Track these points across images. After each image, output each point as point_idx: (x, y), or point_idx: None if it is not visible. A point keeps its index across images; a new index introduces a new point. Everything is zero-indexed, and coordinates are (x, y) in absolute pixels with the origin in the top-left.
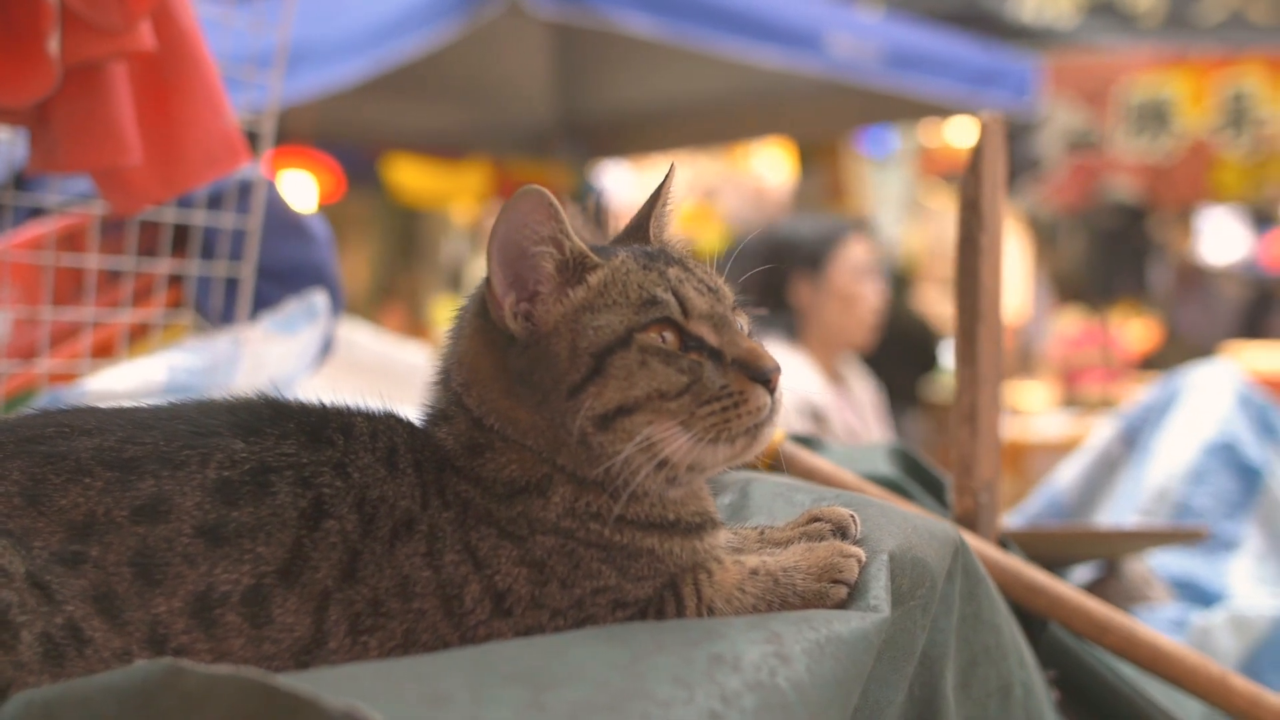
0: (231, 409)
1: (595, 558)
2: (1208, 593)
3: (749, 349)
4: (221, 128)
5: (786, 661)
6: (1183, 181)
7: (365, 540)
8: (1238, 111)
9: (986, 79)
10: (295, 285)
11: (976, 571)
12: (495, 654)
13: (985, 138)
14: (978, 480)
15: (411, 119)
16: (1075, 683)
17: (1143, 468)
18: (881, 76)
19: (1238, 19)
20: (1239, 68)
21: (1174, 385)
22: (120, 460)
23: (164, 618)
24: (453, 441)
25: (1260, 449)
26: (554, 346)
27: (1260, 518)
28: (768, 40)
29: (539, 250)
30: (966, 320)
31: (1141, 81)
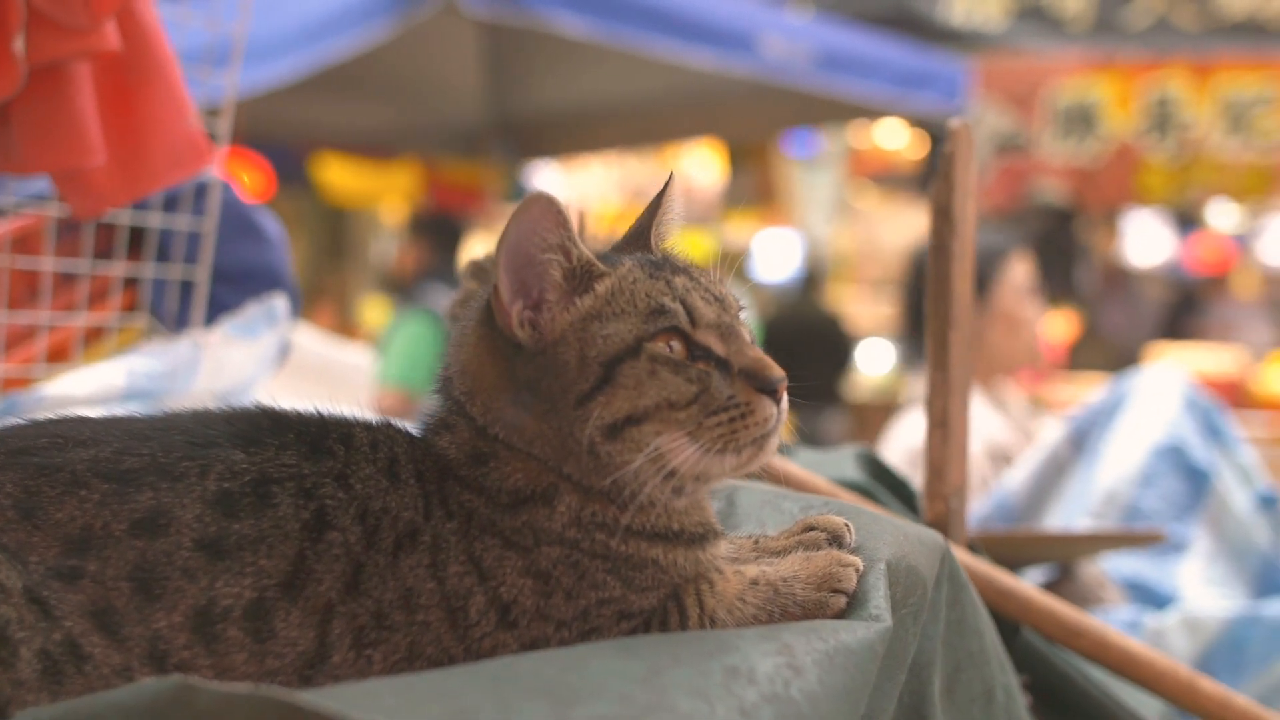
0: (229, 419)
1: (600, 568)
2: (1158, 594)
3: (756, 359)
4: (185, 129)
5: (799, 673)
6: (1109, 184)
7: (368, 552)
8: (1163, 116)
9: (917, 81)
10: (250, 288)
11: (960, 578)
12: (513, 668)
13: (956, 144)
14: (949, 485)
15: (341, 118)
16: (1047, 687)
17: (1092, 470)
18: (813, 78)
19: (1164, 24)
20: (1164, 72)
21: (1121, 388)
22: (117, 472)
23: (164, 633)
24: (455, 451)
25: (1207, 452)
26: (562, 355)
27: (1208, 520)
28: (701, 41)
29: (547, 258)
30: (939, 326)
31: (1069, 85)
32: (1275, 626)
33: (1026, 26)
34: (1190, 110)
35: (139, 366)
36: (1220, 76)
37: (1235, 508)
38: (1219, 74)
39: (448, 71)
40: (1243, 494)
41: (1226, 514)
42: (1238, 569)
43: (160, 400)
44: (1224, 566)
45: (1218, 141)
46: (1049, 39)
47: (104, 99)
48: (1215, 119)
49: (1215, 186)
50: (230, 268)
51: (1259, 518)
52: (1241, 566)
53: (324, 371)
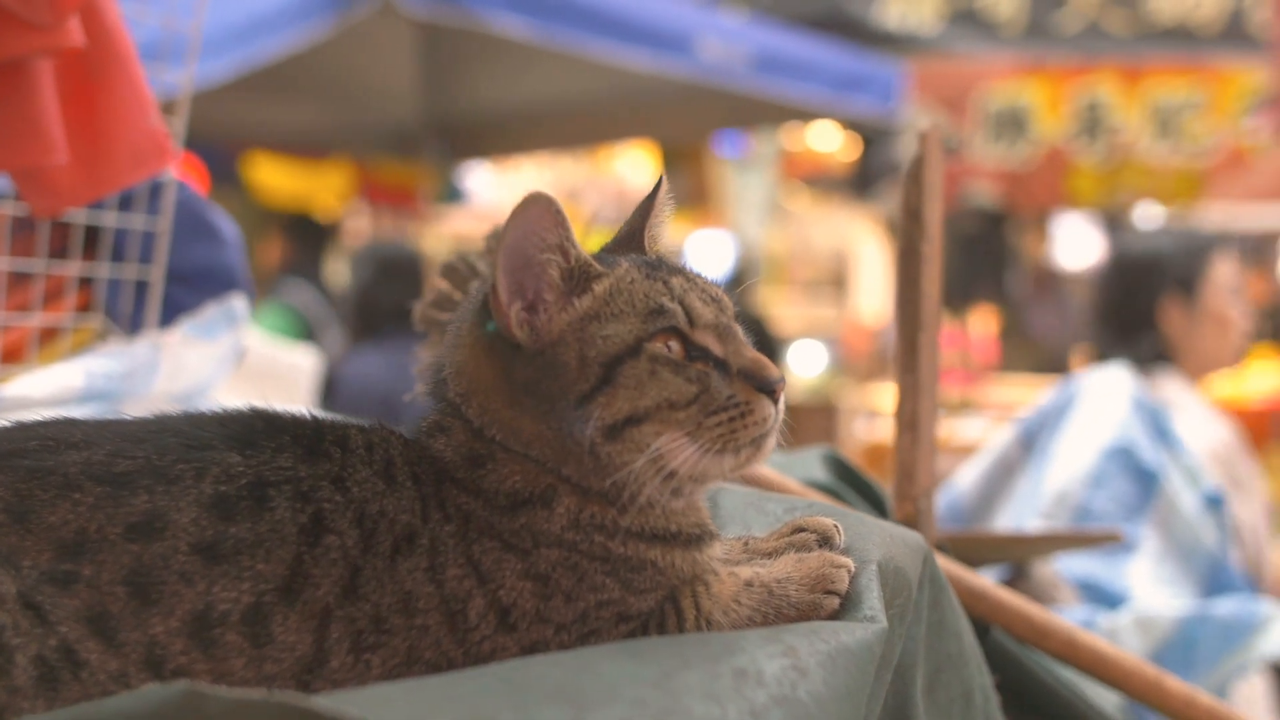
0: (222, 421)
1: (600, 570)
2: (1110, 594)
3: (754, 359)
4: (148, 127)
5: (805, 675)
6: (1039, 187)
7: (366, 556)
8: (1093, 120)
9: (852, 84)
10: (205, 288)
11: (940, 580)
12: (524, 672)
13: (925, 148)
14: (918, 487)
15: (272, 117)
16: (1017, 687)
17: (1041, 471)
18: (749, 80)
19: (1094, 29)
20: (1094, 77)
21: (1070, 390)
22: (111, 475)
23: (161, 638)
24: (451, 453)
25: (1155, 453)
26: (560, 355)
27: (1157, 520)
28: (638, 43)
29: (545, 258)
30: (908, 328)
31: (1000, 89)
32: (1224, 625)
33: (960, 30)
34: (1120, 114)
35: (97, 367)
36: (1150, 81)
37: (1183, 508)
38: (1148, 79)
39: (382, 71)
40: (1190, 494)
41: (1175, 514)
42: (1186, 568)
43: (118, 402)
44: (1173, 566)
45: (1147, 145)
46: (982, 42)
47: (66, 96)
48: (1144, 123)
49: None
50: (185, 268)
51: (1206, 518)
52: (1190, 566)
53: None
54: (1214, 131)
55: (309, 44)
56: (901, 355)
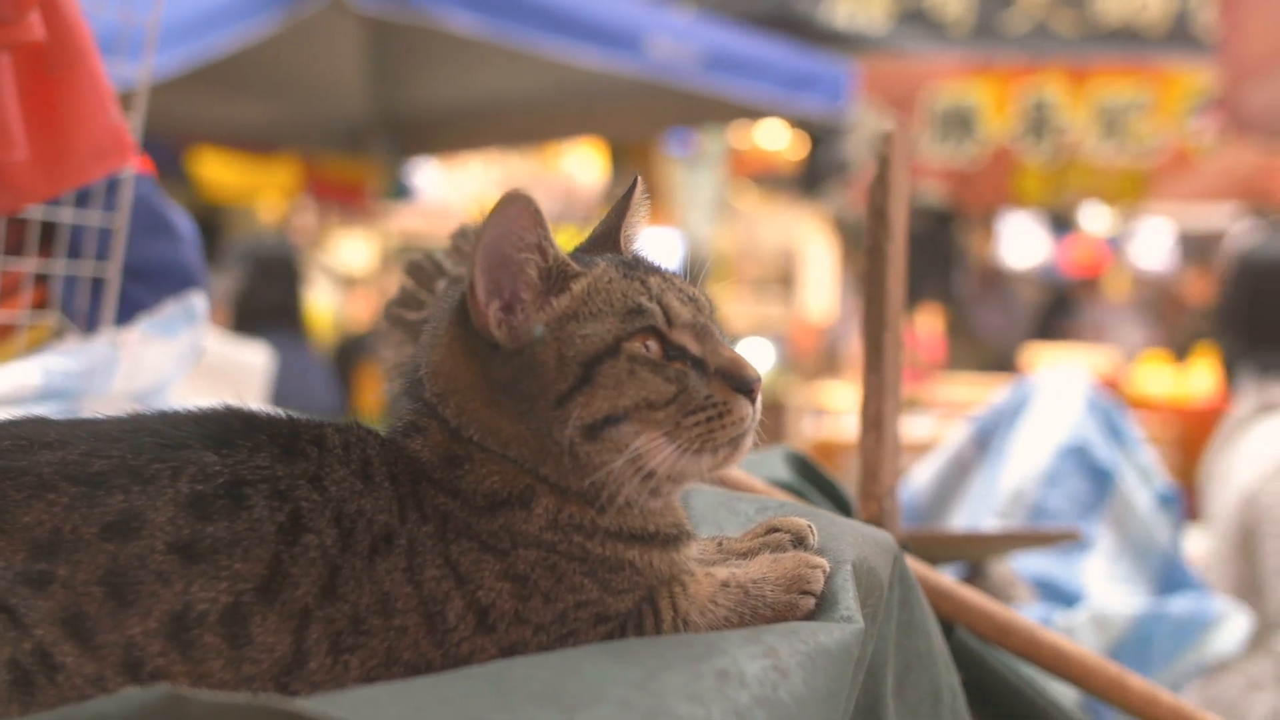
0: (198, 420)
1: (578, 571)
2: (1066, 592)
3: (732, 358)
4: (109, 122)
5: (785, 675)
6: (986, 186)
7: (344, 556)
8: (1039, 119)
9: (801, 83)
10: (162, 286)
11: (910, 579)
12: (510, 674)
13: (891, 148)
14: (882, 486)
15: (219, 112)
16: (981, 685)
17: (996, 470)
18: (699, 78)
19: (1042, 30)
20: (1041, 77)
21: (1024, 390)
22: (86, 475)
23: (138, 640)
24: (428, 453)
25: (1109, 451)
26: (539, 355)
27: (1111, 518)
28: (588, 41)
29: (524, 257)
30: (873, 328)
31: (947, 88)
32: (1179, 623)
33: (908, 29)
34: (1066, 114)
35: (55, 365)
36: (1096, 82)
37: (1137, 506)
38: (1095, 79)
39: (331, 67)
40: (1144, 493)
41: (1129, 513)
42: (1140, 566)
43: (77, 400)
44: (1127, 564)
45: (1092, 146)
46: (930, 42)
47: (26, 92)
48: (1090, 123)
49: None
50: (142, 265)
51: (1159, 516)
52: (1144, 564)
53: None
54: (1159, 132)
55: (258, 39)
56: (866, 355)
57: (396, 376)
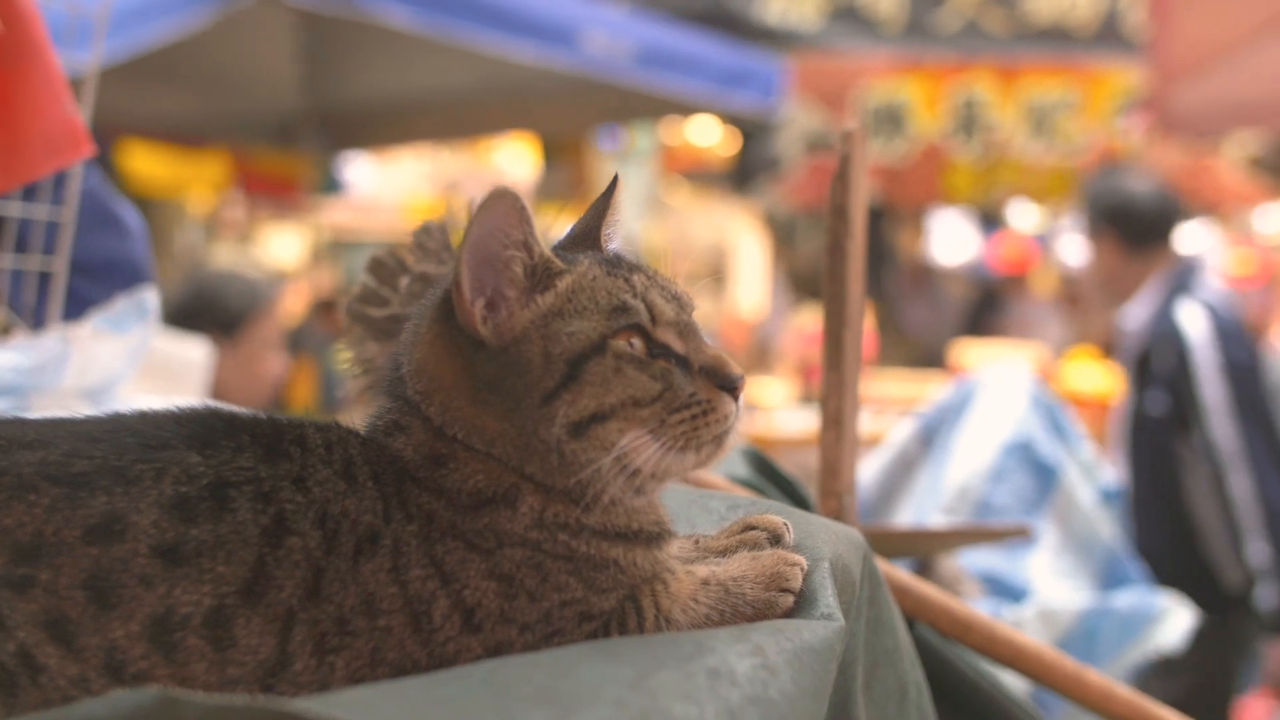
0: (179, 420)
1: (563, 569)
2: (1012, 587)
3: (716, 356)
4: (63, 116)
5: (774, 674)
6: (916, 184)
7: (329, 557)
8: (969, 117)
9: (735, 79)
10: (110, 281)
11: (878, 576)
12: (503, 674)
13: (851, 146)
14: (842, 483)
15: (147, 105)
16: (940, 681)
17: (942, 467)
18: (633, 74)
19: (973, 28)
20: (971, 75)
21: (968, 387)
22: (68, 476)
23: (121, 642)
24: (412, 452)
25: (1053, 448)
26: (525, 352)
27: (1056, 514)
28: (523, 35)
29: (510, 254)
30: (834, 326)
31: (878, 86)
32: (1124, 617)
33: (840, 27)
34: (995, 113)
35: (4, 361)
36: (1025, 80)
37: (1081, 502)
38: (1024, 78)
39: (262, 60)
40: (1087, 488)
41: (1073, 508)
42: (1084, 561)
43: (26, 397)
44: (1071, 559)
45: (1021, 144)
46: (862, 40)
47: None
48: (1019, 122)
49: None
50: (90, 260)
51: (1102, 511)
52: (1087, 559)
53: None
54: (1087, 131)
55: (191, 32)
56: (827, 352)
57: (362, 373)
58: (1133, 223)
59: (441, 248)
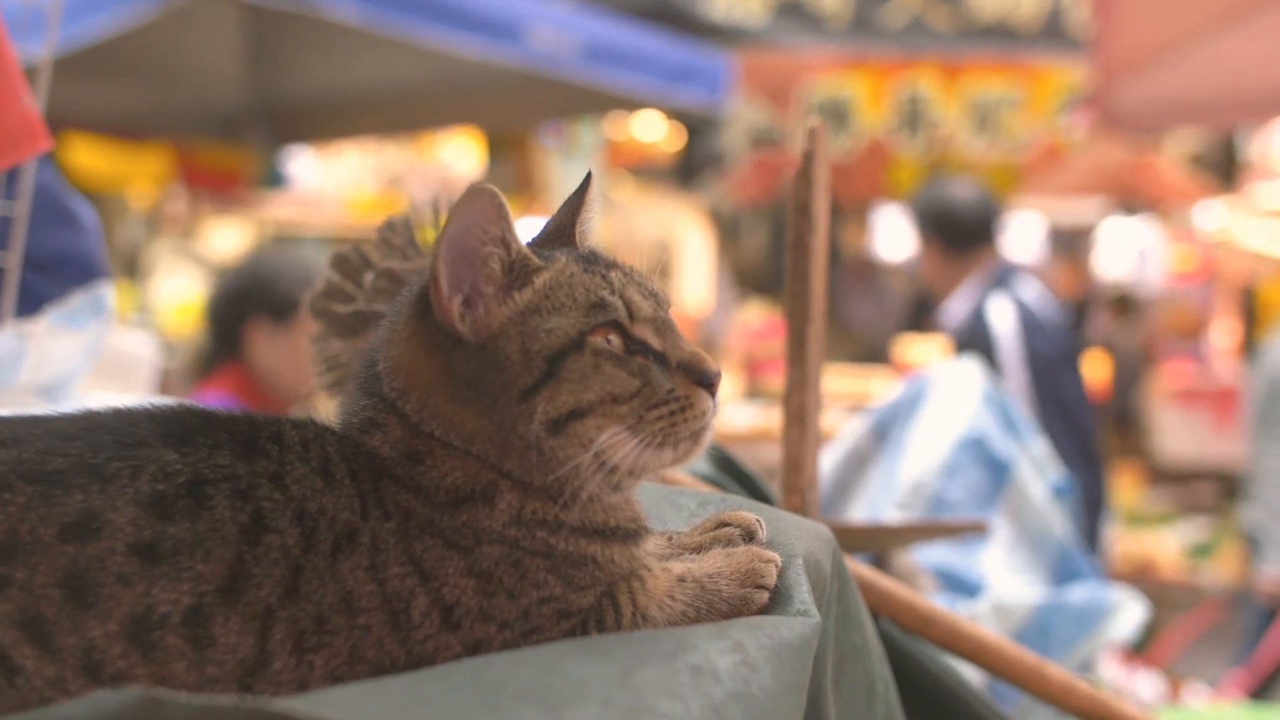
0: (154, 418)
1: (541, 567)
2: (966, 582)
3: (692, 353)
4: (21, 109)
5: (755, 670)
6: (860, 179)
7: (308, 555)
8: (913, 114)
9: (682, 75)
10: (65, 277)
11: (846, 572)
12: (489, 673)
13: (814, 143)
14: (805, 479)
15: (88, 98)
16: (903, 675)
17: (895, 462)
18: (579, 70)
19: (918, 25)
20: (915, 71)
21: (921, 383)
22: (43, 473)
23: (99, 642)
24: (388, 450)
25: (1006, 443)
26: (503, 349)
27: (1009, 509)
28: (470, 30)
29: (488, 251)
30: (797, 323)
31: (823, 82)
32: (1077, 612)
33: (786, 23)
34: (939, 109)
35: None
36: (969, 77)
37: (1033, 497)
38: (968, 75)
39: (206, 53)
40: (1039, 484)
41: (1026, 503)
42: (1037, 556)
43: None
44: (1024, 554)
45: (965, 140)
46: (807, 35)
47: None
48: (963, 118)
49: None
50: (44, 255)
51: (1054, 507)
52: (1040, 554)
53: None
54: (1030, 127)
55: (134, 25)
56: (790, 349)
57: (327, 370)
58: (953, 228)
59: (407, 243)
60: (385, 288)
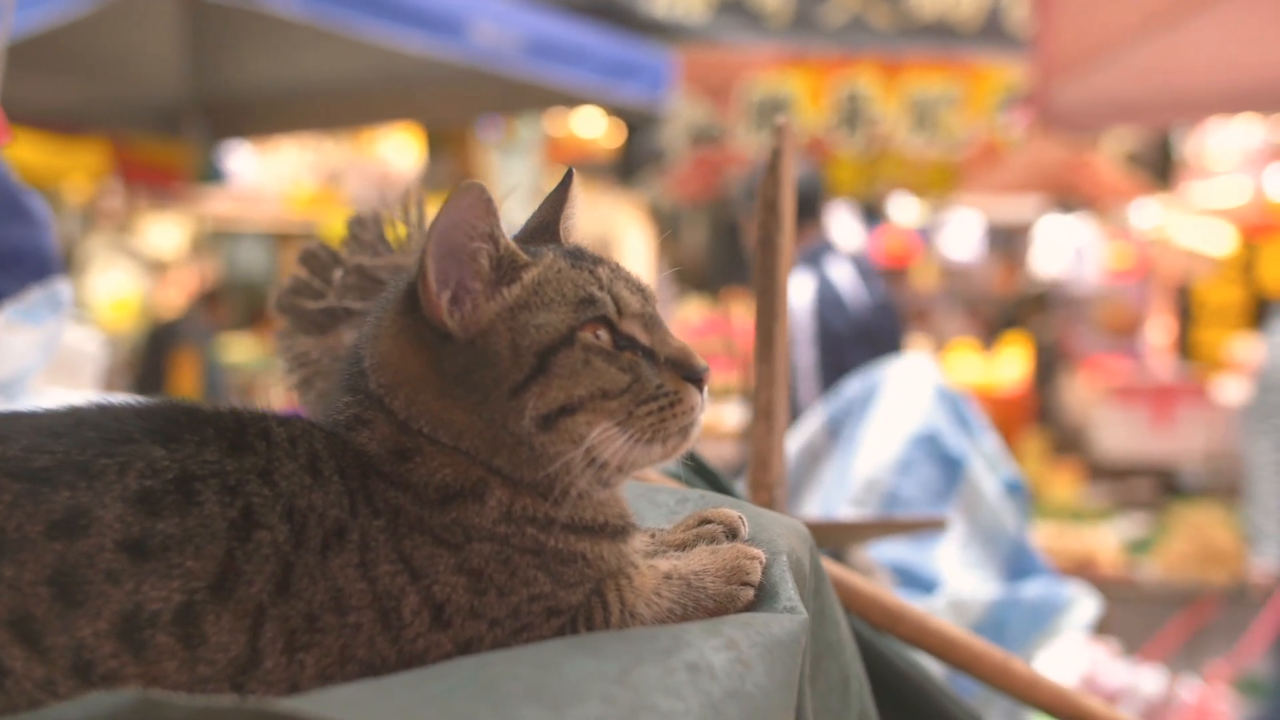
0: (139, 414)
1: (531, 564)
2: (922, 578)
3: (680, 348)
4: None
5: (749, 667)
6: None
7: (298, 552)
8: (852, 111)
9: (623, 72)
10: (17, 273)
11: (821, 569)
12: (488, 671)
13: (782, 141)
14: (772, 475)
15: (23, 91)
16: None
17: (849, 459)
18: (521, 65)
19: (858, 22)
20: (854, 69)
21: (874, 379)
22: (29, 470)
23: (89, 641)
24: (376, 446)
25: (958, 439)
26: (493, 345)
27: (962, 505)
28: (413, 25)
29: (476, 246)
30: (765, 319)
31: (763, 79)
32: (1031, 607)
33: (727, 20)
34: (879, 107)
35: None
36: (908, 75)
37: (986, 493)
38: (907, 72)
39: (144, 46)
40: (991, 480)
41: (979, 499)
42: (990, 552)
43: None
44: (978, 550)
45: (904, 138)
46: (748, 33)
47: None
48: (902, 116)
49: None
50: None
51: (1006, 503)
52: (993, 549)
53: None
54: (969, 125)
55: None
56: (758, 345)
57: (297, 367)
58: None
59: (376, 239)
60: (355, 284)
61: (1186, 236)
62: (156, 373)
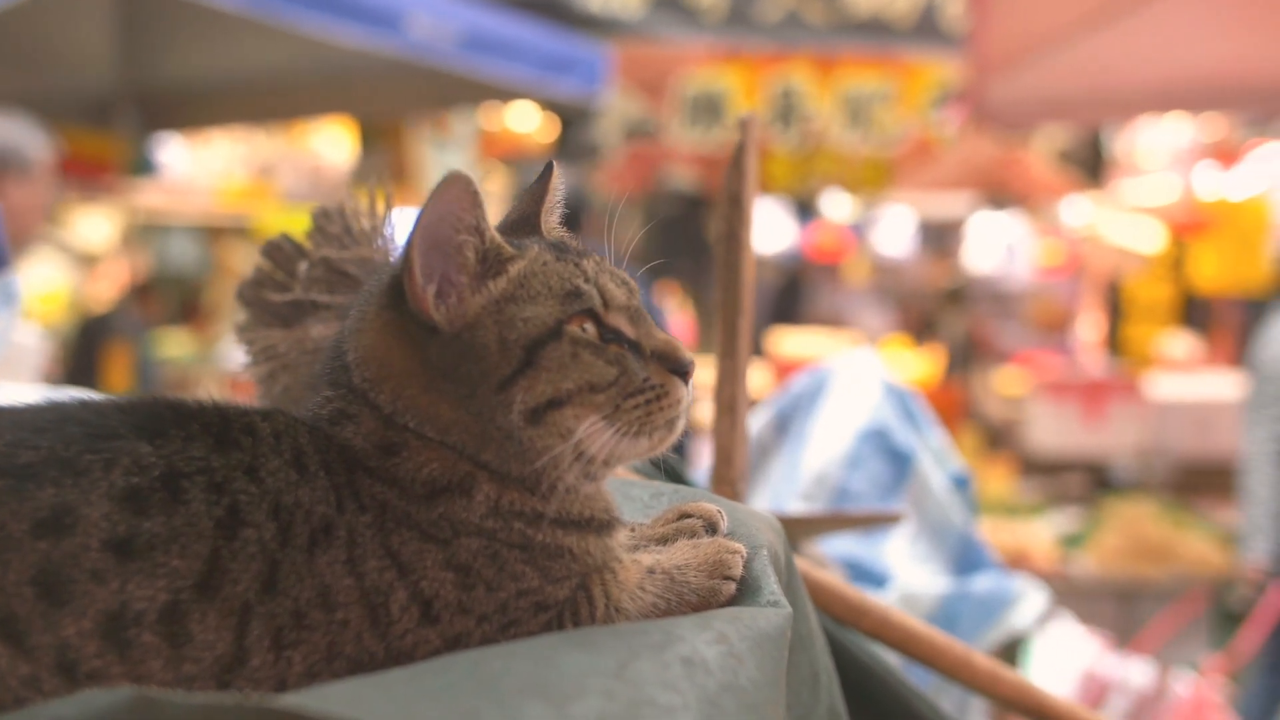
0: (124, 409)
1: (519, 559)
2: (873, 573)
3: (666, 341)
4: None
5: (741, 661)
6: None
7: (284, 549)
8: (787, 107)
9: (558, 66)
10: None
11: (793, 563)
12: (485, 667)
13: (746, 135)
14: (735, 470)
15: None
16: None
17: (797, 454)
18: (456, 59)
19: (793, 18)
20: (789, 65)
21: (821, 375)
22: (13, 467)
23: (73, 640)
24: (361, 441)
25: (907, 435)
26: (479, 338)
27: (911, 500)
28: (348, 18)
29: (462, 239)
30: (729, 314)
31: (698, 75)
32: (981, 601)
33: (662, 15)
34: (813, 103)
35: None
36: (843, 71)
37: (934, 488)
38: (842, 69)
39: (74, 36)
40: (939, 475)
41: (927, 494)
42: (938, 546)
43: None
44: (926, 544)
45: (838, 134)
46: (683, 28)
47: None
48: (836, 112)
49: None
50: None
51: (954, 497)
52: (941, 544)
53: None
54: (902, 122)
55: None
56: (722, 340)
57: (264, 360)
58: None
59: (342, 232)
60: (322, 276)
61: (1117, 234)
62: (88, 367)
